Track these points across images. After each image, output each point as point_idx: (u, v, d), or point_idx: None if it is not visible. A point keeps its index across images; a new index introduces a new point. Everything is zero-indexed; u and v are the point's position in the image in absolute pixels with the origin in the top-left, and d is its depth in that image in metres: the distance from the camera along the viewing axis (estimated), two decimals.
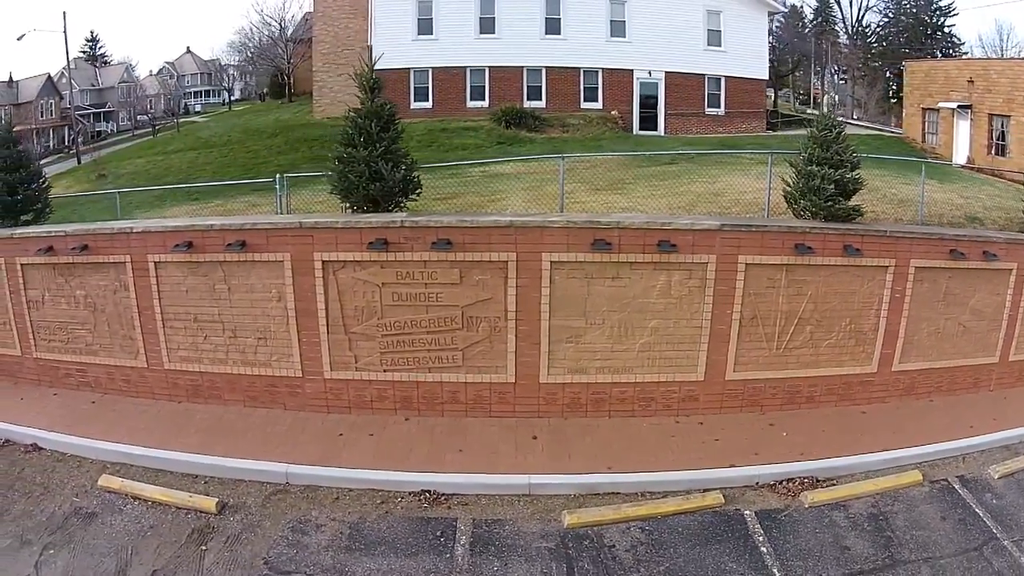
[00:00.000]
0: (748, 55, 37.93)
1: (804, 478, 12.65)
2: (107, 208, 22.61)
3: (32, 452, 14.33)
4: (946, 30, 66.02)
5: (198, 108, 77.39)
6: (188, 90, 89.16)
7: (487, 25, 35.30)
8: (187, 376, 15.58)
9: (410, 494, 12.84)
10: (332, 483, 13.04)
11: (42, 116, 66.24)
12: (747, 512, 11.97)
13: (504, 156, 28.02)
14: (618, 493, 12.40)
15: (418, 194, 15.37)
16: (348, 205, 15.18)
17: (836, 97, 60.39)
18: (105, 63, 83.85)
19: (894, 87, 62.50)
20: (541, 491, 12.52)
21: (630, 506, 12.00)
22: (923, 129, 34.99)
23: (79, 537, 11.82)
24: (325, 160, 29.02)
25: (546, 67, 35.93)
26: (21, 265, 16.14)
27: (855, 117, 56.87)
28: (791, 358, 14.82)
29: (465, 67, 35.57)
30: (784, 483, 12.55)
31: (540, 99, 35.75)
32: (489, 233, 14.21)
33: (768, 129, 39.39)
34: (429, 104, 35.65)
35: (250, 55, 74.88)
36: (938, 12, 65.61)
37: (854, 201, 15.33)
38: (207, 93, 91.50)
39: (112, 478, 13.26)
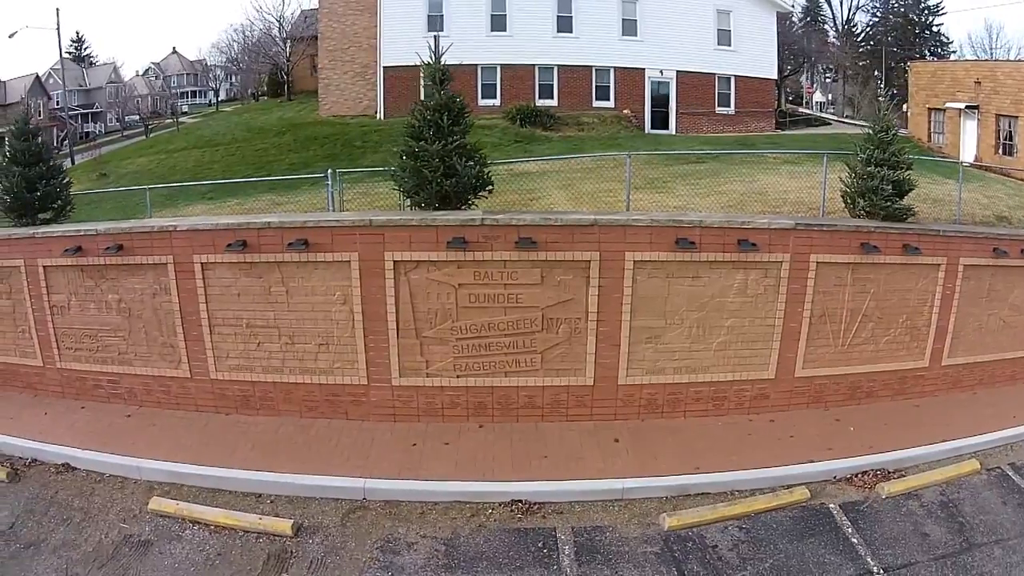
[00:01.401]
0: (757, 55, 37.97)
1: (876, 470, 12.79)
2: (117, 207, 21.62)
3: (64, 473, 13.10)
4: (934, 29, 66.67)
5: (185, 108, 75.90)
6: (174, 90, 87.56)
7: (498, 22, 34.68)
8: (236, 386, 14.50)
9: (501, 505, 12.07)
10: (415, 497, 12.16)
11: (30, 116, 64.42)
12: (832, 505, 12.06)
13: (524, 155, 27.60)
14: (708, 493, 12.23)
15: (489, 191, 14.45)
16: (412, 202, 14.27)
17: (831, 96, 60.51)
18: (91, 64, 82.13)
19: (888, 86, 62.87)
20: (634, 495, 12.16)
21: (725, 505, 11.89)
22: (929, 129, 35.33)
23: (136, 570, 10.70)
24: (338, 158, 28.61)
25: (558, 65, 35.43)
26: (44, 267, 14.92)
27: (845, 116, 57.03)
28: (854, 354, 14.91)
29: (476, 65, 34.77)
30: (859, 476, 12.71)
31: (552, 98, 35.22)
32: (572, 232, 13.50)
33: (777, 128, 39.13)
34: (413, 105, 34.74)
35: (237, 55, 73.71)
36: (927, 11, 66.19)
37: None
38: (193, 94, 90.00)
39: (164, 500, 12.15)
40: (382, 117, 35.66)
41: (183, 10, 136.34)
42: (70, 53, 79.33)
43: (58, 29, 49.69)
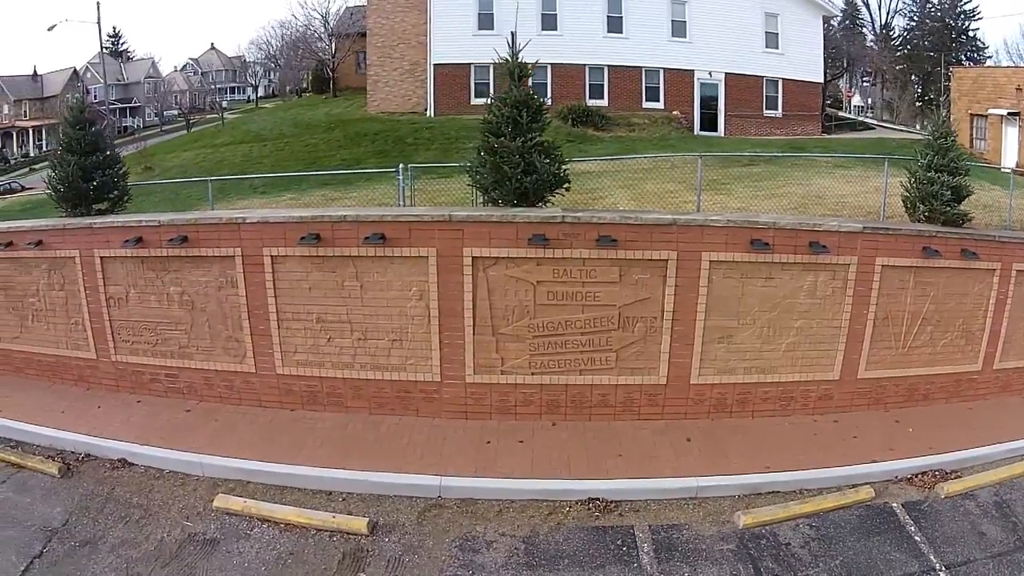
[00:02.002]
0: (804, 58, 37.81)
1: (935, 471, 12.91)
2: (167, 200, 21.66)
3: (121, 468, 12.86)
4: (971, 34, 65.98)
5: (224, 104, 76.48)
6: (212, 87, 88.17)
7: (549, 22, 34.62)
8: (304, 381, 14.32)
9: (577, 503, 12.01)
10: (491, 495, 12.06)
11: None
12: (895, 504, 12.17)
13: (579, 154, 27.44)
14: (778, 492, 12.27)
15: (566, 189, 14.34)
16: (487, 198, 14.20)
17: (870, 100, 59.90)
18: (129, 59, 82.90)
19: (925, 91, 62.17)
20: (708, 493, 12.19)
21: (796, 504, 11.96)
22: (971, 135, 35.14)
23: (202, 569, 10.49)
24: (389, 155, 28.61)
25: (608, 66, 35.36)
26: (101, 258, 14.70)
27: (883, 119, 56.44)
28: (913, 357, 14.98)
29: (526, 64, 34.64)
30: (919, 476, 12.84)
31: (602, 98, 35.18)
32: (651, 231, 13.42)
33: (823, 132, 38.80)
34: (489, 101, 34.67)
35: (276, 51, 74.00)
36: (963, 16, 65.50)
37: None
38: (231, 90, 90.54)
39: (230, 498, 11.92)
40: (432, 114, 35.72)
41: (221, 6, 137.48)
42: (107, 48, 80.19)
43: (99, 22, 50.23)
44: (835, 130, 40.20)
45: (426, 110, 36.53)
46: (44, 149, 66.10)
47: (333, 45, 56.46)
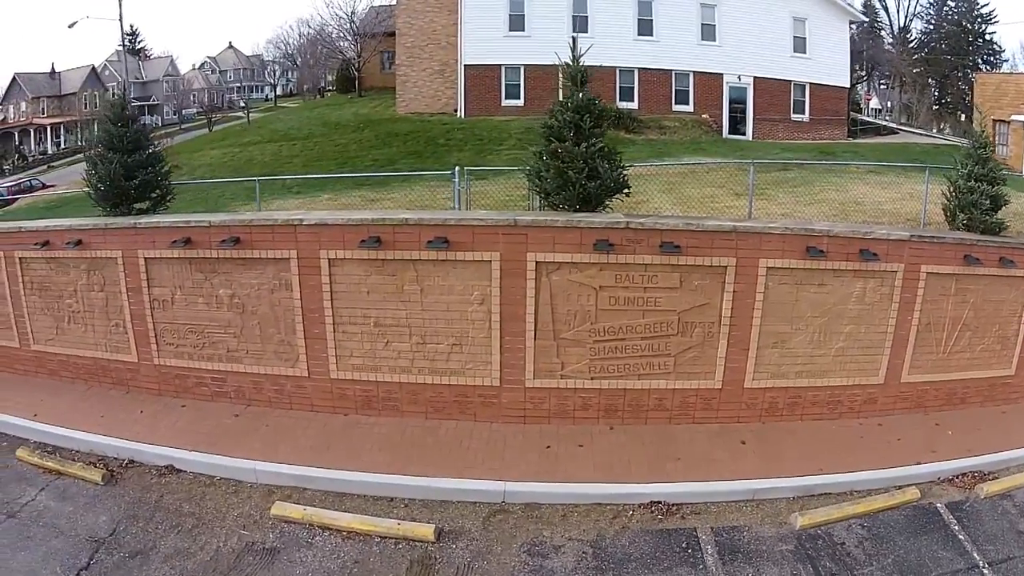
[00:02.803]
0: (830, 62, 37.83)
1: (975, 472, 13.15)
2: (198, 199, 21.67)
3: (168, 475, 12.64)
4: (987, 37, 65.82)
5: (242, 103, 76.55)
6: (230, 85, 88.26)
7: (580, 23, 34.64)
8: (358, 386, 14.22)
9: (640, 506, 12.13)
10: (555, 499, 12.14)
11: (86, 108, 65.43)
12: (939, 505, 12.42)
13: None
14: (830, 494, 12.49)
15: (627, 194, 14.42)
16: (548, 203, 14.28)
17: (890, 103, 59.74)
18: (146, 57, 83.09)
19: (944, 94, 62.03)
20: (765, 496, 12.40)
21: (849, 505, 12.20)
22: (994, 141, 34.88)
23: None
24: (422, 156, 28.67)
25: (639, 68, 35.34)
26: (145, 259, 14.50)
27: (902, 123, 56.27)
28: (952, 362, 15.19)
29: (557, 66, 34.64)
30: (959, 477, 13.09)
31: (632, 100, 35.21)
32: (712, 237, 13.54)
33: (849, 136, 38.77)
34: (520, 102, 35.00)
35: (294, 51, 74.03)
36: (980, 19, 65.35)
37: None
38: (249, 88, 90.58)
39: (289, 505, 11.76)
40: (462, 115, 35.79)
41: (239, 5, 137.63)
42: (123, 46, 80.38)
43: (120, 19, 50.45)
44: (860, 134, 40.07)
45: (456, 111, 36.59)
46: (62, 147, 66.36)
47: (359, 45, 56.40)
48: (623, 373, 13.96)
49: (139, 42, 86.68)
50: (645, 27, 35.13)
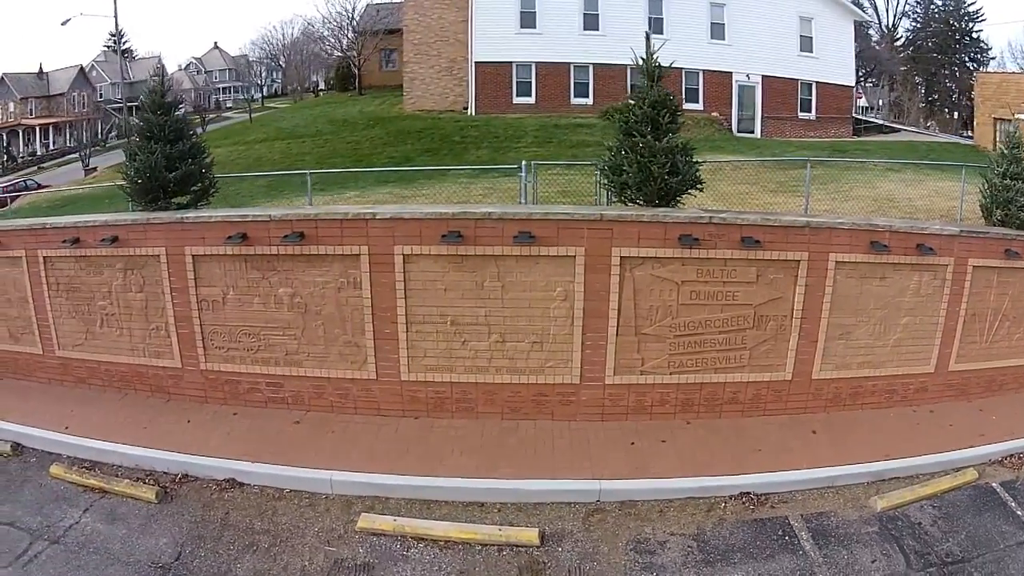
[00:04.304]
0: (837, 62, 38.54)
1: (1020, 453, 13.69)
2: (218, 198, 21.46)
3: (230, 490, 11.84)
4: (975, 36, 66.81)
5: (229, 104, 75.74)
6: (216, 86, 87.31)
7: (591, 21, 34.86)
8: (431, 388, 13.82)
9: (731, 498, 12.30)
10: (649, 496, 12.13)
11: (74, 108, 64.50)
12: (994, 484, 12.90)
13: None
14: (898, 478, 12.87)
15: (700, 189, 14.51)
16: (622, 198, 14.30)
17: (880, 101, 60.50)
18: (132, 57, 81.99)
19: (931, 92, 62.86)
20: (842, 482, 12.71)
21: (919, 487, 12.67)
22: (995, 139, 35.62)
23: None
24: (439, 153, 28.62)
25: None
26: (193, 256, 13.76)
27: (892, 120, 56.93)
28: (994, 350, 15.68)
29: (569, 63, 35.03)
30: (1008, 458, 13.60)
31: None
32: (787, 232, 13.78)
33: (854, 135, 39.25)
34: (532, 99, 35.10)
35: (277, 51, 73.28)
36: (967, 18, 66.30)
37: None
38: (235, 89, 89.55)
39: (377, 517, 11.19)
40: (473, 112, 35.82)
41: (222, 5, 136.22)
42: (111, 46, 79.28)
43: (115, 16, 49.62)
44: (863, 132, 40.58)
45: (465, 108, 36.61)
46: (51, 148, 65.32)
47: (360, 43, 56.06)
48: (701, 367, 14.10)
49: (124, 42, 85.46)
50: (656, 26, 35.23)
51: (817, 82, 37.97)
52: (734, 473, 12.66)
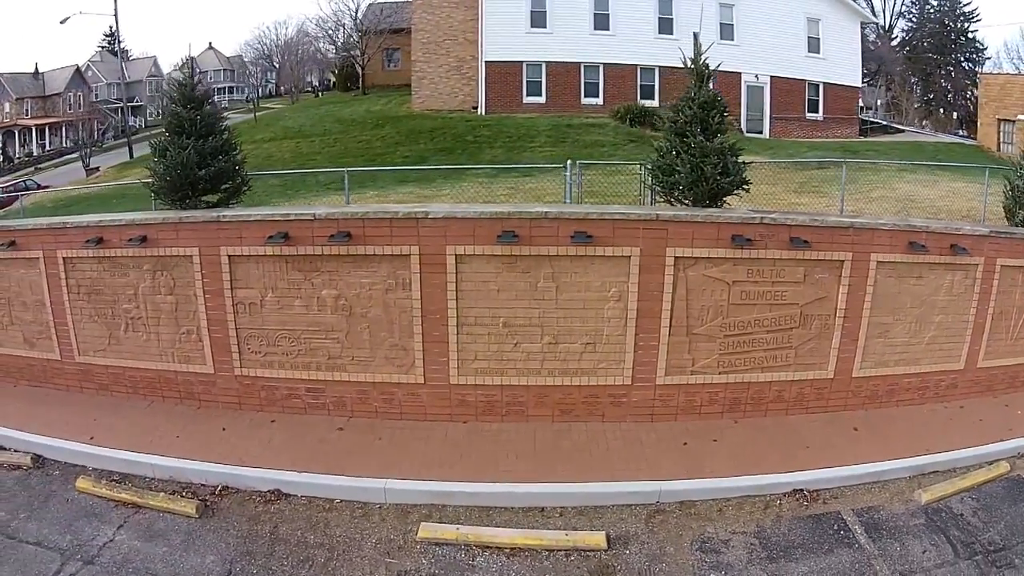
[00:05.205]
0: (843, 63, 38.82)
1: None
2: None
3: (276, 501, 11.30)
4: (970, 36, 67.27)
5: (225, 104, 75.34)
6: (211, 86, 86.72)
7: (601, 21, 35.02)
8: (481, 391, 13.62)
9: (785, 495, 12.50)
10: (706, 495, 12.22)
11: (70, 109, 64.07)
12: None
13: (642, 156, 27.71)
14: (937, 471, 13.12)
15: (746, 190, 14.70)
16: (671, 198, 14.50)
17: (879, 101, 60.86)
18: (127, 57, 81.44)
19: (927, 92, 63.30)
20: (887, 477, 12.93)
21: (959, 479, 12.88)
22: (998, 139, 36.15)
23: None
24: (453, 152, 28.70)
25: (660, 66, 35.67)
26: (229, 257, 13.36)
27: (889, 120, 57.26)
28: (1018, 347, 15.97)
29: (579, 63, 35.18)
30: None
31: (653, 98, 35.66)
32: (832, 233, 14.04)
33: (860, 135, 39.56)
34: (542, 99, 35.21)
35: (270, 51, 72.91)
36: (962, 18, 66.73)
37: None
38: (230, 90, 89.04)
39: (439, 526, 10.82)
40: (483, 112, 35.89)
41: (216, 6, 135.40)
42: (105, 46, 78.80)
43: (116, 15, 49.26)
44: (869, 133, 40.92)
45: (474, 108, 36.68)
46: (47, 148, 64.86)
47: (364, 42, 55.92)
48: (749, 367, 14.31)
49: (119, 43, 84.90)
50: (665, 26, 35.59)
51: (824, 83, 38.28)
52: (785, 471, 12.86)
